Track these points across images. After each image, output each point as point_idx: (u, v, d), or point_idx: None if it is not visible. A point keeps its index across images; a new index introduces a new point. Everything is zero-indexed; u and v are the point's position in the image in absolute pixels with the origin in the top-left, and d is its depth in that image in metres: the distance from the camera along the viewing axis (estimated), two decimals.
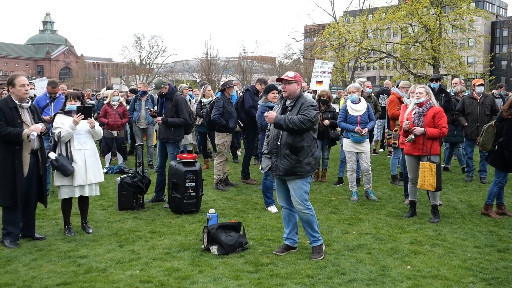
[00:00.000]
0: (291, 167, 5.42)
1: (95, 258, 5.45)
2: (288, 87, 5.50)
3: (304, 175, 5.46)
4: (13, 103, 5.85)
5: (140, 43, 68.17)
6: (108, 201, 8.15)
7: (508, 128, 6.97)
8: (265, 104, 7.57)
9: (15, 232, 5.95)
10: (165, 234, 6.34)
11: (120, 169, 10.84)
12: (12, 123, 5.77)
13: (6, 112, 5.77)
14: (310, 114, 5.31)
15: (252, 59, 67.87)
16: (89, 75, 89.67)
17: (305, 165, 5.44)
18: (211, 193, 8.77)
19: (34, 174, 6.05)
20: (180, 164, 7.38)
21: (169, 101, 7.84)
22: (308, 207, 5.54)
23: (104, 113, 10.95)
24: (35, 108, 6.25)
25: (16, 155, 5.82)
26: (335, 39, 36.68)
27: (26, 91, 5.91)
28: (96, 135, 6.40)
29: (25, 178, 5.92)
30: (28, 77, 24.84)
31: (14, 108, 5.85)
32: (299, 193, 5.50)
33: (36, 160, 6.06)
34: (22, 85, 5.86)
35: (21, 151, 5.86)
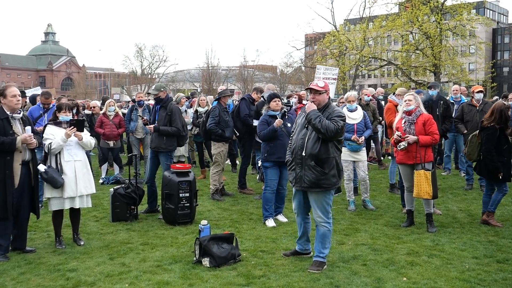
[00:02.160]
0: (316, 180, 5.29)
1: (84, 271, 5.34)
2: (318, 98, 5.41)
3: (329, 187, 5.36)
4: (4, 114, 5.79)
5: (141, 53, 68.42)
6: (102, 212, 8.05)
7: (488, 136, 6.90)
8: (266, 113, 7.46)
9: (4, 244, 5.84)
10: (157, 246, 6.23)
11: (116, 179, 10.75)
12: (4, 134, 5.71)
13: None
14: (338, 124, 5.20)
15: (253, 68, 67.93)
16: (91, 85, 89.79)
17: (331, 177, 5.32)
18: (206, 204, 8.66)
19: (26, 186, 5.97)
20: (174, 175, 7.27)
21: (163, 109, 7.75)
22: (328, 221, 5.46)
23: (100, 124, 10.87)
24: (28, 119, 6.18)
25: (7, 165, 5.75)
26: (336, 47, 36.63)
27: (17, 102, 5.85)
28: (86, 147, 6.31)
29: (16, 190, 5.83)
30: (29, 88, 24.80)
31: (6, 119, 5.79)
32: (321, 206, 5.41)
33: (27, 171, 5.97)
34: (14, 96, 5.80)
35: (12, 162, 5.78)
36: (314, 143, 5.27)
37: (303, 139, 5.36)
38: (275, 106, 7.39)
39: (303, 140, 5.35)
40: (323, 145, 5.25)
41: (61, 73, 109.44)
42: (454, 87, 11.90)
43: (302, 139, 5.37)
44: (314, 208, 5.45)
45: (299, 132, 5.49)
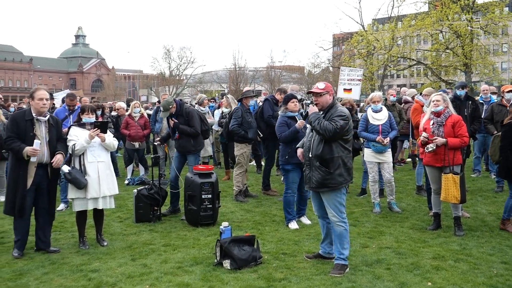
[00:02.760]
0: (322, 180, 5.32)
1: (106, 272, 5.37)
2: (320, 99, 5.43)
3: (336, 187, 5.33)
4: (30, 116, 5.93)
5: (169, 55, 68.87)
6: (126, 213, 8.11)
7: (504, 133, 6.71)
8: (284, 114, 7.37)
9: (22, 239, 6.02)
10: (179, 247, 6.23)
11: (142, 180, 10.83)
12: (24, 135, 5.84)
13: (20, 124, 5.88)
14: (337, 123, 5.18)
15: (280, 68, 67.79)
16: (120, 87, 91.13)
17: (337, 177, 5.30)
18: (230, 205, 8.64)
19: (44, 187, 6.04)
20: (196, 176, 7.28)
21: (181, 117, 7.82)
22: (343, 220, 5.41)
23: (125, 125, 10.98)
24: (56, 123, 6.25)
25: (22, 166, 5.87)
26: (363, 47, 36.24)
27: (43, 105, 5.97)
28: (109, 148, 6.35)
29: (29, 190, 5.91)
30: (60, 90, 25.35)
31: (30, 120, 5.91)
32: (333, 205, 5.39)
33: (45, 173, 6.04)
34: (40, 99, 5.94)
35: (27, 163, 5.88)
36: (318, 144, 5.33)
37: (310, 141, 5.45)
38: (293, 107, 7.31)
39: (310, 142, 5.44)
40: (327, 145, 5.28)
41: (91, 75, 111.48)
42: (484, 87, 11.62)
43: (309, 141, 5.47)
44: (327, 208, 5.44)
45: (308, 134, 5.59)
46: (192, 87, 66.91)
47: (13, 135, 5.82)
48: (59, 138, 6.22)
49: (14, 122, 5.94)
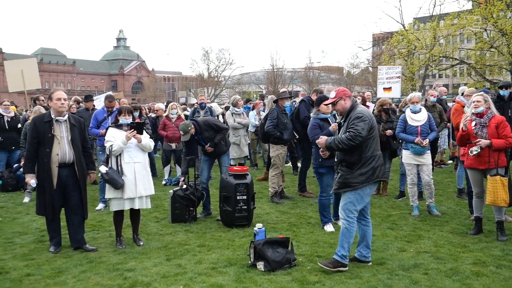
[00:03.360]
0: (343, 179, 5.33)
1: (141, 271, 5.43)
2: (337, 108, 5.49)
3: (357, 186, 5.29)
4: (49, 117, 6.09)
5: (208, 56, 69.54)
6: (162, 213, 8.20)
7: None
8: (317, 116, 7.26)
9: (55, 238, 6.22)
10: (213, 248, 6.24)
11: (178, 181, 10.91)
12: (43, 136, 6.01)
13: (39, 126, 6.07)
14: (356, 128, 5.15)
15: (318, 69, 67.42)
16: (160, 89, 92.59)
17: (358, 176, 5.27)
18: (265, 206, 8.61)
19: (71, 187, 6.17)
20: (231, 177, 7.29)
21: (207, 131, 7.83)
22: (348, 218, 5.38)
23: (163, 126, 11.12)
24: (78, 122, 6.37)
25: (45, 168, 6.03)
26: (404, 47, 35.54)
27: (61, 105, 6.09)
28: (145, 149, 6.42)
29: (56, 191, 6.07)
30: (102, 91, 25.95)
31: (49, 122, 6.07)
32: (344, 201, 5.41)
33: (70, 172, 6.16)
34: (58, 99, 6.07)
35: (50, 164, 6.04)
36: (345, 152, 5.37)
37: None
38: (326, 108, 7.13)
39: None
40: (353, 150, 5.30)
41: (131, 77, 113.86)
42: None
43: None
44: (341, 202, 5.50)
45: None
46: (230, 89, 67.30)
47: (35, 141, 6.04)
48: (83, 137, 6.36)
49: (34, 125, 6.14)
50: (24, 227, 7.45)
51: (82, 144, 6.32)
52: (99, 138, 8.48)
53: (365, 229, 5.61)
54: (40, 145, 6.04)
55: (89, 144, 6.57)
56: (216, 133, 7.84)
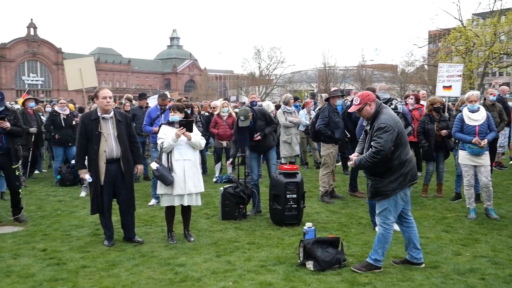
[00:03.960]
0: (374, 188, 5.28)
1: (192, 267, 5.50)
2: (362, 114, 5.37)
3: (389, 194, 5.19)
4: (96, 115, 6.26)
5: (259, 55, 69.80)
6: (213, 210, 8.28)
7: None
8: None
9: (107, 232, 6.43)
10: (263, 246, 6.25)
11: (229, 178, 11.02)
12: (91, 133, 6.20)
13: (87, 124, 6.25)
14: (378, 141, 5.05)
15: (371, 67, 66.33)
16: (212, 87, 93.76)
17: (389, 184, 5.18)
18: (315, 206, 8.54)
19: (120, 181, 6.33)
20: (281, 176, 7.27)
21: (260, 120, 7.92)
22: (384, 224, 5.29)
23: (214, 124, 11.24)
24: (124, 119, 6.50)
25: (93, 165, 6.23)
26: (462, 44, 34.40)
27: (107, 103, 6.25)
28: (195, 147, 6.49)
29: (105, 186, 6.24)
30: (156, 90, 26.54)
31: (96, 119, 6.24)
32: (380, 208, 5.32)
33: (118, 167, 6.31)
34: (104, 97, 6.23)
35: (98, 161, 6.21)
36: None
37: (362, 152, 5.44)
38: None
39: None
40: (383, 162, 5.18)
41: (184, 76, 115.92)
42: None
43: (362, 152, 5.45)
44: (376, 208, 5.40)
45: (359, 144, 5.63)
46: (282, 87, 67.25)
47: (83, 138, 6.24)
48: (129, 132, 6.49)
49: (82, 123, 6.33)
50: (80, 221, 7.71)
51: (129, 139, 6.47)
52: (152, 135, 8.67)
53: (409, 231, 5.48)
54: (88, 142, 6.24)
55: (136, 139, 6.68)
56: (267, 126, 7.93)
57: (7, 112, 7.50)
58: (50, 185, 11.22)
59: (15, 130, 7.46)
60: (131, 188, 6.48)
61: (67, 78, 11.87)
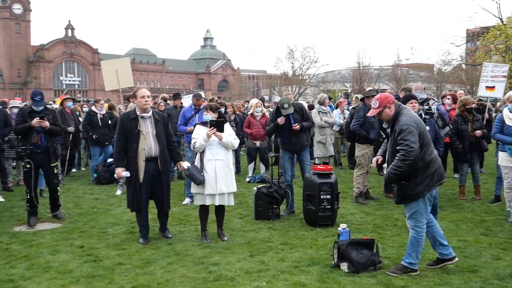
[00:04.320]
0: (401, 192, 5.18)
1: (225, 266, 5.52)
2: (382, 117, 5.28)
3: (416, 196, 5.09)
4: (134, 114, 6.39)
5: (292, 55, 69.58)
6: (246, 210, 8.29)
7: None
8: None
9: (143, 231, 6.52)
10: (296, 247, 6.21)
11: (262, 178, 11.02)
12: (130, 132, 6.31)
13: (126, 123, 6.37)
14: (406, 143, 4.93)
15: (407, 67, 65.24)
16: (245, 87, 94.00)
17: (416, 186, 5.08)
18: (349, 207, 8.46)
19: (157, 179, 6.43)
20: (315, 176, 7.22)
21: (294, 113, 7.88)
22: (416, 227, 5.18)
23: (248, 124, 11.25)
24: (162, 119, 6.61)
25: (132, 163, 6.33)
26: (502, 42, 33.45)
27: (146, 102, 6.37)
28: (227, 147, 6.49)
29: (144, 184, 6.34)
30: (189, 90, 26.86)
31: (134, 119, 6.35)
32: (409, 212, 5.22)
33: (156, 166, 6.41)
34: (142, 97, 6.36)
35: (137, 159, 6.31)
36: (392, 159, 5.16)
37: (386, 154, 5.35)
38: (412, 108, 6.55)
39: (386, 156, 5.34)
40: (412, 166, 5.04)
41: (217, 76, 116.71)
42: None
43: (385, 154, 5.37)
44: (405, 212, 5.30)
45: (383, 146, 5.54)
46: (315, 87, 66.87)
47: (122, 136, 6.34)
48: (166, 132, 6.58)
49: (121, 122, 6.45)
50: (116, 218, 7.84)
51: (166, 138, 6.56)
52: (187, 134, 8.75)
53: (431, 230, 5.36)
54: (127, 140, 6.35)
55: (173, 138, 6.81)
56: (303, 121, 7.92)
57: (46, 112, 7.68)
58: (87, 183, 11.45)
59: (54, 129, 7.65)
60: (168, 187, 6.58)
61: (104, 78, 12.08)
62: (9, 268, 5.51)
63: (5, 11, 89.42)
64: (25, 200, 7.67)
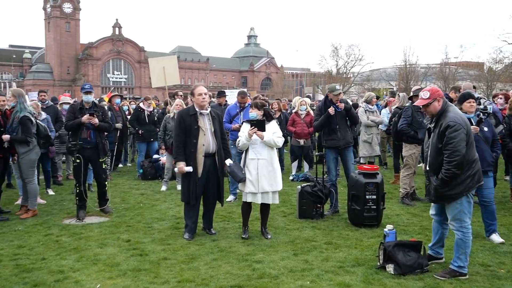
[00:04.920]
0: (439, 192, 5.02)
1: (269, 264, 5.51)
2: (428, 109, 5.12)
3: (457, 196, 4.95)
4: (193, 111, 6.51)
5: (337, 53, 68.80)
6: (290, 208, 8.27)
7: None
8: None
9: (190, 225, 6.58)
10: (340, 247, 6.15)
11: (306, 177, 10.96)
12: (190, 128, 6.43)
13: (185, 119, 6.49)
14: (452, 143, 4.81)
15: (455, 65, 63.36)
16: (288, 85, 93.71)
17: (457, 186, 4.93)
18: (395, 207, 8.30)
19: (212, 175, 6.53)
20: (361, 176, 7.11)
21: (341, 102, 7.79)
22: (461, 228, 5.05)
23: (292, 122, 11.20)
24: (217, 116, 6.73)
25: (192, 157, 6.44)
26: None
27: (203, 100, 6.50)
28: (270, 146, 6.46)
29: (201, 178, 6.44)
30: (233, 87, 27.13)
31: (194, 115, 6.47)
32: (452, 214, 5.06)
33: (212, 162, 6.52)
34: (200, 94, 6.50)
35: (196, 154, 6.43)
36: (434, 156, 5.03)
37: (427, 151, 5.18)
38: (469, 107, 6.30)
39: (427, 153, 5.17)
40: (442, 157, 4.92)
41: (261, 74, 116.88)
42: None
43: (426, 151, 5.21)
44: (448, 214, 5.12)
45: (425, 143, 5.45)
46: (359, 85, 65.93)
47: (181, 132, 6.47)
48: (221, 129, 6.69)
49: (180, 118, 6.55)
50: (161, 214, 7.97)
51: (221, 135, 6.66)
52: (231, 132, 8.79)
53: (445, 231, 5.45)
54: (186, 136, 6.47)
55: (225, 135, 6.96)
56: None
57: (96, 109, 7.88)
58: (133, 178, 11.70)
59: (103, 125, 7.85)
60: (223, 183, 6.69)
61: (151, 75, 12.32)
62: (60, 259, 5.69)
63: (56, 10, 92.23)
64: (74, 194, 7.92)
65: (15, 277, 5.13)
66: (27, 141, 7.66)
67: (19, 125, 7.61)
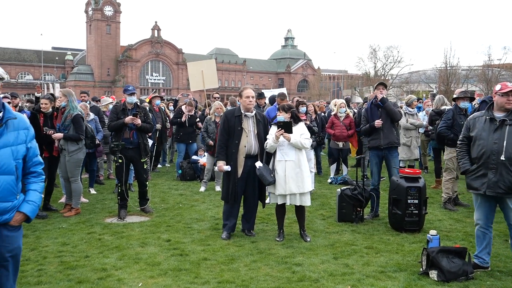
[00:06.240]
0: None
1: (309, 267, 5.48)
2: None
3: None
4: (239, 112, 6.59)
5: (375, 54, 68.04)
6: (329, 211, 8.20)
7: None
8: None
9: (229, 224, 6.66)
10: (381, 251, 6.05)
11: (344, 180, 10.86)
12: (233, 129, 6.52)
13: (230, 119, 6.59)
14: None
15: (498, 67, 61.62)
16: (325, 87, 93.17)
17: None
18: (437, 212, 8.13)
19: (253, 177, 6.58)
20: (402, 180, 6.98)
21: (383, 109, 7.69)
22: None
23: (331, 124, 11.12)
24: (262, 119, 6.79)
25: (232, 158, 6.53)
26: None
27: (249, 102, 6.56)
28: (297, 147, 6.41)
29: (240, 179, 6.52)
30: (269, 89, 27.12)
31: (239, 116, 6.55)
32: None
33: (253, 163, 6.54)
34: (247, 97, 6.56)
35: (237, 155, 6.52)
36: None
37: (498, 143, 4.90)
38: None
39: (499, 144, 4.90)
40: None
41: (298, 76, 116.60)
42: None
43: (496, 143, 4.92)
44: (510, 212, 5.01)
45: (487, 137, 5.02)
46: (398, 87, 64.94)
47: (225, 132, 6.56)
48: (266, 133, 6.69)
49: (225, 118, 6.67)
50: (200, 214, 8.04)
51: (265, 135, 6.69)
52: None
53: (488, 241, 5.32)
54: (229, 137, 6.54)
55: None
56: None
57: (138, 109, 8.02)
58: (172, 179, 11.84)
59: (144, 126, 7.98)
60: (262, 184, 6.68)
61: (190, 79, 12.44)
62: (102, 257, 5.80)
63: (97, 13, 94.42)
64: (115, 193, 8.07)
65: (60, 274, 5.26)
66: (79, 138, 7.91)
67: (71, 123, 7.84)
